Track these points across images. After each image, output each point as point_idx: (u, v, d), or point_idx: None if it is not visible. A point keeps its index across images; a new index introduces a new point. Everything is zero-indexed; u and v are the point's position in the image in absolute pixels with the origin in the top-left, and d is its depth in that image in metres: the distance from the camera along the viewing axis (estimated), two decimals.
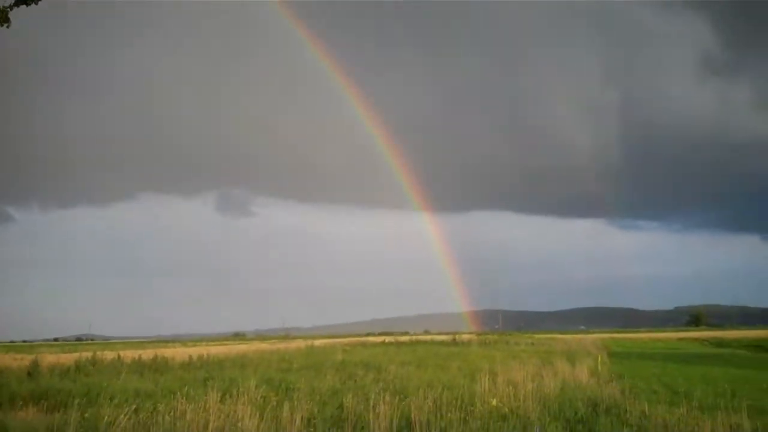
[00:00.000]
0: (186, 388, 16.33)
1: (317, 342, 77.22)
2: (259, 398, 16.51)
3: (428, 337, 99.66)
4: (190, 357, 39.43)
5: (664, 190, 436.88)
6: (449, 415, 14.25)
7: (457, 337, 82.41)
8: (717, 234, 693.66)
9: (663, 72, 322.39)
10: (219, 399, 15.08)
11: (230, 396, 15.85)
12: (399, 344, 67.12)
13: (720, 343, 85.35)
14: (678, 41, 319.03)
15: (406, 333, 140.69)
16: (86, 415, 14.18)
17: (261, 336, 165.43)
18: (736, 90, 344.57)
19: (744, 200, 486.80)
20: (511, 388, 18.65)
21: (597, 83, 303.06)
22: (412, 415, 13.82)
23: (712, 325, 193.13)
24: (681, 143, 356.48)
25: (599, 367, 30.51)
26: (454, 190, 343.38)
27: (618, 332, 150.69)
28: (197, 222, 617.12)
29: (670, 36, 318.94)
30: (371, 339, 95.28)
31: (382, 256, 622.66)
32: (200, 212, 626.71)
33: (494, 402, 16.10)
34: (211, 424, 13.30)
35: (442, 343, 69.97)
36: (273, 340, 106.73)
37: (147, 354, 42.61)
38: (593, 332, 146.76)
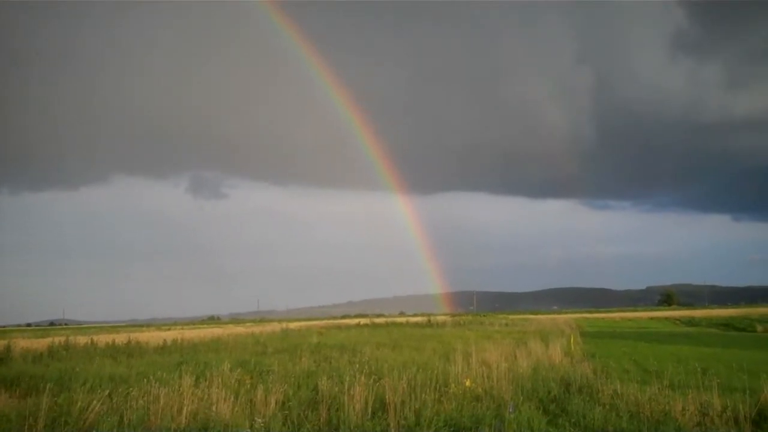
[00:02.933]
0: (160, 373, 16.25)
1: (292, 325, 77.14)
2: (233, 381, 16.49)
3: (403, 319, 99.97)
4: (164, 341, 39.25)
5: (636, 170, 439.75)
6: (424, 396, 14.33)
7: (432, 318, 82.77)
8: (688, 214, 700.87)
9: (635, 51, 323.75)
10: (193, 383, 15.05)
11: (204, 379, 15.83)
12: (374, 326, 67.32)
13: (691, 321, 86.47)
14: (650, 20, 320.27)
15: (381, 315, 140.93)
16: (59, 400, 14.08)
17: (236, 319, 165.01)
18: (708, 69, 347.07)
19: (715, 180, 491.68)
20: (485, 368, 18.78)
21: (570, 63, 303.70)
22: (387, 397, 13.87)
23: (682, 305, 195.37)
24: (653, 123, 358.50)
25: (572, 347, 30.76)
26: (428, 171, 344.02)
27: (591, 312, 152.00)
28: (169, 204, 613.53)
29: (642, 15, 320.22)
30: (347, 321, 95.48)
31: (357, 238, 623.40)
32: (172, 194, 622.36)
33: (468, 383, 16.22)
34: (185, 408, 13.28)
35: (417, 324, 70.24)
36: (248, 324, 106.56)
37: (121, 338, 42.42)
38: (566, 312, 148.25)
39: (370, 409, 13.70)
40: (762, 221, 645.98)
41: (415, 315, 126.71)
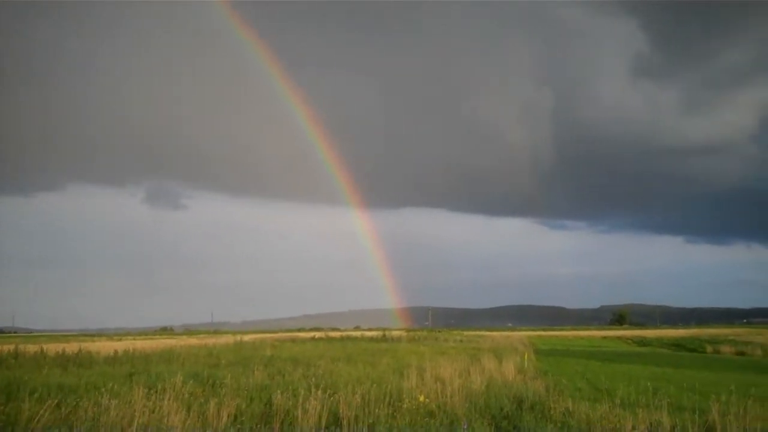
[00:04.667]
0: (110, 383, 16.03)
1: (246, 337, 76.49)
2: (185, 394, 16.31)
3: (359, 333, 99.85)
4: (116, 351, 38.68)
5: (592, 191, 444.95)
6: (377, 410, 14.33)
7: (387, 333, 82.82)
8: (642, 235, 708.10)
9: (596, 74, 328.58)
10: (144, 394, 14.86)
11: (156, 391, 15.63)
12: (329, 340, 67.13)
13: (642, 341, 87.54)
14: (611, 43, 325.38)
15: (336, 329, 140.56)
16: (6, 409, 13.82)
17: (189, 331, 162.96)
18: (667, 94, 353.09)
19: (669, 202, 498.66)
20: (438, 384, 18.83)
21: (531, 85, 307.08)
22: (341, 411, 13.85)
23: (635, 324, 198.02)
24: (611, 145, 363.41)
25: (525, 364, 30.98)
26: (388, 187, 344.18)
27: (545, 330, 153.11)
28: (125, 214, 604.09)
29: (604, 38, 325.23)
30: (302, 334, 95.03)
31: (314, 252, 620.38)
32: (129, 204, 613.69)
33: (422, 398, 16.24)
34: (136, 420, 13.11)
35: (372, 338, 70.25)
36: (201, 335, 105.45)
37: (71, 347, 41.71)
38: (521, 329, 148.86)
39: (323, 423, 13.66)
40: (714, 244, 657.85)
41: (370, 329, 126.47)
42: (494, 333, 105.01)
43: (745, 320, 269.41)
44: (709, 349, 63.08)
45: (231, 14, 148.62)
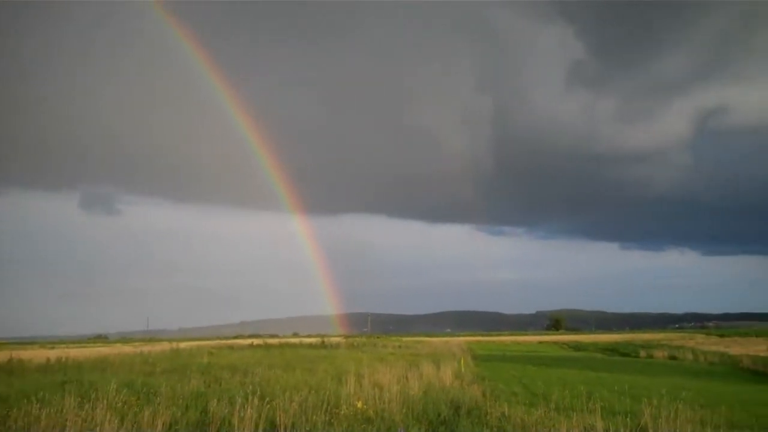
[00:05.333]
0: (42, 392, 15.67)
1: (183, 344, 75.54)
2: (119, 403, 16.02)
3: (297, 340, 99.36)
4: (48, 359, 37.88)
5: (530, 197, 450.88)
6: (315, 417, 14.28)
7: (326, 339, 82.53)
8: (578, 241, 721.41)
9: (534, 82, 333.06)
10: (77, 404, 14.58)
11: (89, 400, 15.33)
12: (267, 347, 66.63)
13: (578, 346, 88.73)
14: (549, 51, 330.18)
15: (275, 335, 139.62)
16: None
17: (124, 338, 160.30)
18: (603, 102, 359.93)
19: (605, 209, 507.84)
20: (376, 390, 18.85)
21: (470, 92, 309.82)
22: (278, 418, 13.76)
23: (571, 329, 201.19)
24: (548, 152, 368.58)
25: (463, 370, 31.17)
26: (328, 193, 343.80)
27: (482, 335, 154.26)
28: (60, 219, 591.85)
29: (541, 45, 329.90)
30: (239, 341, 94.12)
31: (253, 258, 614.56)
32: (63, 209, 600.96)
33: (360, 404, 16.23)
34: (67, 430, 12.85)
35: (310, 345, 69.95)
36: (137, 343, 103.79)
37: (2, 355, 40.72)
38: (459, 335, 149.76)
39: (260, 431, 13.55)
40: (648, 250, 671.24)
41: (309, 336, 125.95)
42: (433, 339, 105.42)
43: (677, 325, 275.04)
44: (642, 353, 64.17)
45: (169, 19, 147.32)
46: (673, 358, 58.32)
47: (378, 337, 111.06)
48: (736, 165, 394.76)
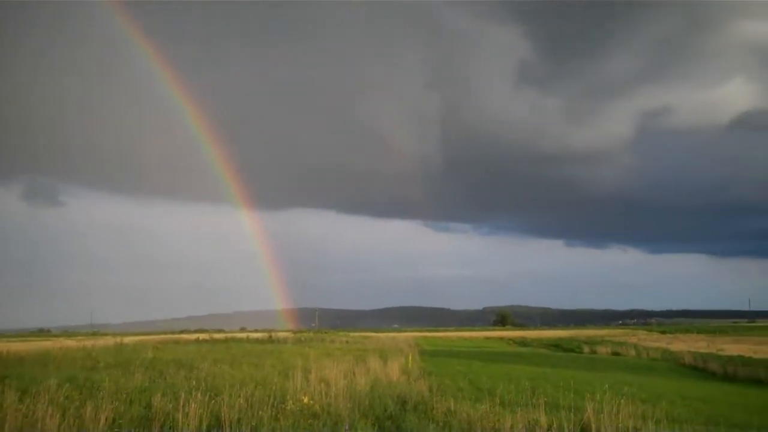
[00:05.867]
0: None
1: (127, 339, 74.45)
2: (61, 397, 15.75)
3: (244, 335, 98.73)
4: None
5: (478, 194, 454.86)
6: (260, 412, 14.21)
7: (273, 334, 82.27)
8: (524, 238, 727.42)
9: (482, 80, 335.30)
10: (17, 398, 14.31)
11: (30, 395, 15.05)
12: (214, 342, 66.07)
13: (523, 342, 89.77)
14: (498, 50, 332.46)
15: (222, 330, 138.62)
16: None
17: (67, 332, 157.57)
18: (550, 101, 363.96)
19: (551, 207, 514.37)
20: (323, 385, 18.81)
21: (420, 88, 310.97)
22: (223, 414, 13.66)
23: (516, 325, 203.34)
24: (496, 150, 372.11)
25: (410, 365, 31.30)
26: (276, 187, 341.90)
27: (430, 331, 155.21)
28: (1, 210, 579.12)
29: (491, 44, 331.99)
30: (185, 336, 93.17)
31: (199, 252, 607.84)
32: (4, 200, 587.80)
33: (306, 399, 16.19)
34: (7, 425, 12.60)
35: (258, 340, 69.59)
36: (80, 337, 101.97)
37: None
38: (407, 331, 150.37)
39: (205, 427, 13.45)
40: (592, 248, 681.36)
41: (256, 331, 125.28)
42: (380, 334, 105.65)
43: (621, 321, 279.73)
44: (586, 349, 65.13)
45: (117, 13, 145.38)
46: (616, 354, 59.29)
47: (326, 332, 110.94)
48: (679, 165, 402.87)
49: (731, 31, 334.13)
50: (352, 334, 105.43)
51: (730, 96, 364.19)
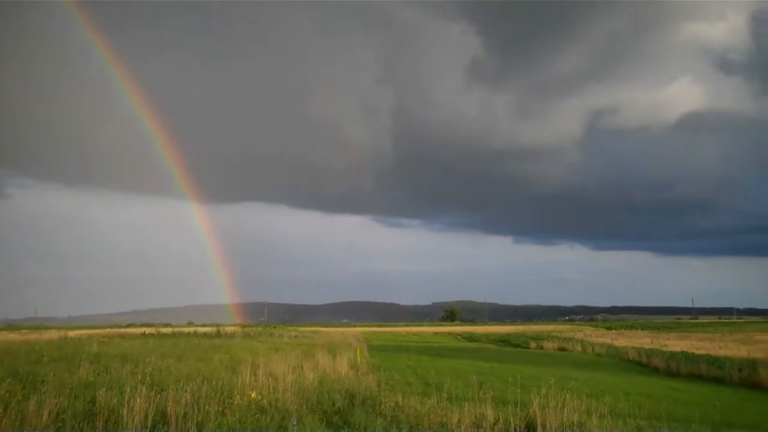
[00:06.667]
0: None
1: (72, 333, 73.35)
2: (2, 392, 15.45)
3: (192, 329, 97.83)
4: None
5: (429, 190, 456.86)
6: (207, 407, 14.10)
7: (221, 329, 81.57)
8: (474, 234, 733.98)
9: (434, 76, 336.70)
10: None
11: None
12: (160, 336, 65.34)
13: (471, 337, 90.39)
14: (449, 47, 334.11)
15: (169, 325, 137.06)
16: None
17: (10, 326, 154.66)
18: (499, 98, 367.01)
19: (500, 204, 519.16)
20: (271, 380, 18.75)
21: (372, 84, 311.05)
22: (168, 408, 13.53)
23: (465, 321, 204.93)
24: (447, 146, 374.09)
25: (359, 360, 31.32)
26: (227, 181, 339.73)
27: (379, 326, 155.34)
28: None
29: (443, 41, 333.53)
30: (131, 330, 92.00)
31: (147, 246, 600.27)
32: None
33: (254, 394, 16.11)
34: None
35: (205, 335, 68.97)
36: (23, 330, 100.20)
37: None
38: (356, 326, 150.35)
39: (150, 422, 13.30)
40: (540, 244, 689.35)
41: (204, 325, 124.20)
42: (330, 329, 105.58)
43: (567, 317, 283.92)
44: (533, 345, 65.78)
45: (66, 7, 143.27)
46: (562, 349, 60.00)
47: (274, 327, 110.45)
48: (625, 164, 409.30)
49: (678, 32, 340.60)
50: (301, 328, 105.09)
51: (677, 96, 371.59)
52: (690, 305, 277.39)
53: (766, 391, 28.61)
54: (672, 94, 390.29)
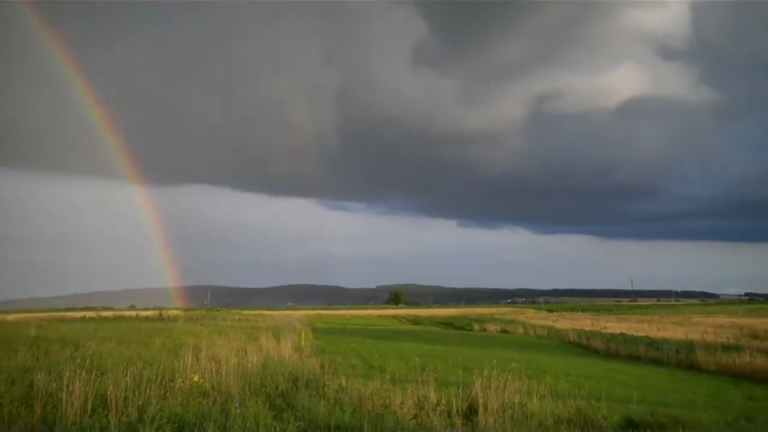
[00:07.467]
0: None
1: (10, 317, 71.95)
2: None
3: (133, 313, 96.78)
4: None
5: (374, 173, 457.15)
6: (148, 391, 13.96)
7: (163, 312, 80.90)
8: (418, 218, 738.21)
9: (380, 59, 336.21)
10: None
11: None
12: (101, 320, 64.51)
13: (415, 320, 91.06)
14: (395, 30, 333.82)
15: (110, 308, 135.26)
16: None
17: None
18: (445, 83, 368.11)
19: (444, 187, 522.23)
20: (214, 363, 18.62)
21: (317, 66, 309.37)
22: (109, 393, 13.36)
23: (409, 303, 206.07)
24: (392, 130, 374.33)
25: (302, 343, 31.32)
26: (168, 163, 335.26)
27: (324, 309, 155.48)
28: None
29: (388, 24, 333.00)
30: (72, 314, 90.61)
31: (87, 228, 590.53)
32: None
33: (196, 378, 16.00)
34: None
35: (147, 318, 68.29)
36: None
37: None
38: (301, 309, 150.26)
39: (89, 406, 13.11)
40: (483, 228, 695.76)
41: (146, 309, 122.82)
42: (274, 312, 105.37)
43: (510, 300, 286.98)
44: (476, 327, 66.50)
45: None
46: (504, 331, 60.82)
47: (218, 311, 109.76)
48: (567, 149, 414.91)
49: (621, 19, 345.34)
50: (245, 312, 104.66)
51: (618, 82, 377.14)
52: (630, 288, 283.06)
53: (702, 372, 29.36)
54: (614, 79, 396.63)
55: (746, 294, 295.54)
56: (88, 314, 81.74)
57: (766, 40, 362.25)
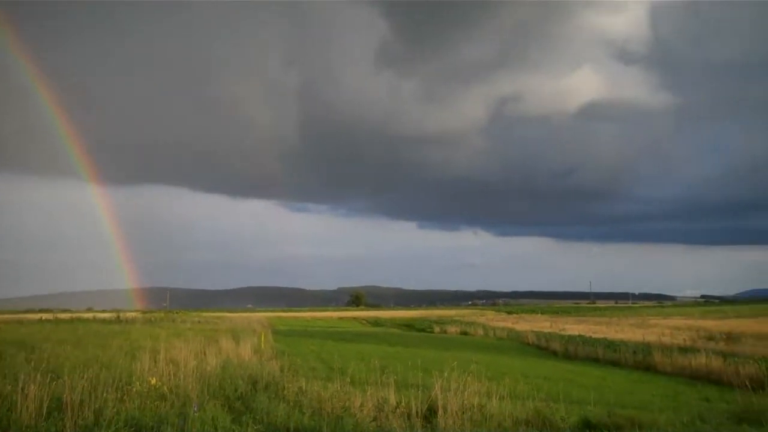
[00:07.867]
0: None
1: None
2: None
3: (91, 315, 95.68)
4: None
5: (335, 175, 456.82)
6: (105, 395, 13.80)
7: (121, 314, 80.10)
8: (379, 220, 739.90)
9: (342, 59, 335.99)
10: None
11: None
12: (58, 322, 63.66)
13: (376, 322, 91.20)
14: (357, 30, 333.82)
15: (68, 310, 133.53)
16: None
17: None
18: (407, 83, 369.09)
19: (405, 189, 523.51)
20: (172, 366, 18.48)
21: (278, 66, 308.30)
22: (65, 396, 13.20)
23: (370, 305, 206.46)
24: (354, 131, 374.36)
25: (262, 345, 31.19)
26: (128, 162, 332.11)
27: (284, 311, 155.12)
28: None
29: (350, 24, 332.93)
30: (29, 316, 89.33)
31: (45, 228, 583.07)
32: None
33: (154, 381, 15.86)
34: None
35: (105, 320, 67.54)
36: None
37: None
38: (261, 311, 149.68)
39: (45, 409, 12.94)
40: (444, 230, 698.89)
41: (104, 311, 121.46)
42: (234, 314, 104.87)
43: (470, 302, 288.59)
44: (437, 329, 66.80)
45: None
46: (465, 333, 61.13)
47: (177, 313, 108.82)
48: (527, 151, 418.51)
49: (581, 23, 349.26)
50: (205, 314, 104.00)
51: (578, 85, 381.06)
52: (588, 289, 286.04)
53: (659, 373, 29.77)
54: (573, 83, 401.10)
55: (702, 296, 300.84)
56: (46, 316, 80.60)
57: (723, 43, 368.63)
